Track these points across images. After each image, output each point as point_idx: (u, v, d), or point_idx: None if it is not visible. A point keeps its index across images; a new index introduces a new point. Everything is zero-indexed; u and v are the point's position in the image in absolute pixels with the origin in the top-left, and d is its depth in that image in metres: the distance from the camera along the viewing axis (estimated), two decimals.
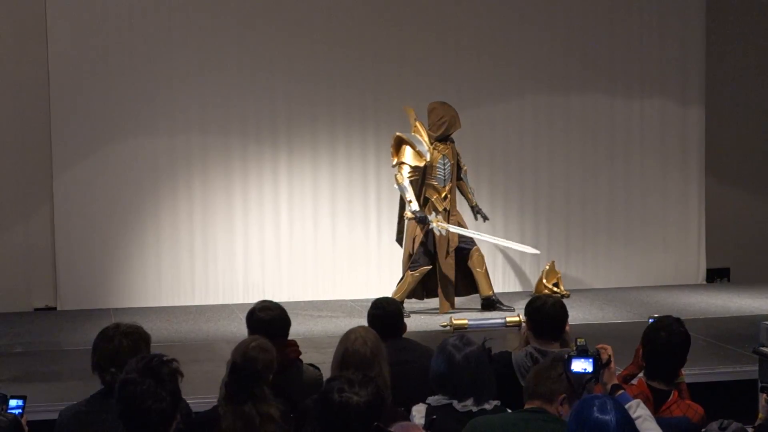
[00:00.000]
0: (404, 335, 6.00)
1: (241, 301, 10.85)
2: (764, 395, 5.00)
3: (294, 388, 5.17)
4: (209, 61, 11.33)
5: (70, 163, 11.09)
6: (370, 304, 6.10)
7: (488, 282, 10.38)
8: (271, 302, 5.63)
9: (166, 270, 11.31)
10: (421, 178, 10.13)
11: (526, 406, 4.45)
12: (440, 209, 10.16)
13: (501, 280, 11.83)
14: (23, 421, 4.49)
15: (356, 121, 11.68)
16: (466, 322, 9.39)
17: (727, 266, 12.80)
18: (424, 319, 10.03)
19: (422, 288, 10.39)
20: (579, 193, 11.99)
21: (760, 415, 4.92)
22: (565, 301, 9.46)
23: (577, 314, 9.93)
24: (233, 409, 4.39)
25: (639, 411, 4.31)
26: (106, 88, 11.11)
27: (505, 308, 10.27)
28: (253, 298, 6.47)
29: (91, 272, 11.13)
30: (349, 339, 4.86)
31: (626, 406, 4.27)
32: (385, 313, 5.94)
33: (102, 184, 11.15)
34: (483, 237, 10.42)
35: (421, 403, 4.80)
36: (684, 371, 5.33)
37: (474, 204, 10.51)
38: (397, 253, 11.76)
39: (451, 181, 10.26)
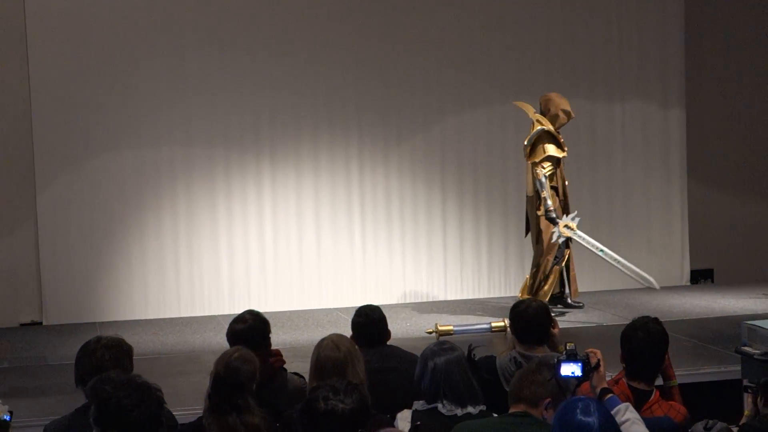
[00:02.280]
0: (389, 342, 6.03)
1: (227, 312, 10.81)
2: (749, 394, 5.03)
3: (279, 397, 5.19)
4: (192, 73, 11.30)
5: (54, 178, 11.06)
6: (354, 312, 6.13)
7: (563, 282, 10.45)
8: (248, 313, 5.64)
9: (152, 283, 11.28)
10: (557, 168, 10.22)
11: (511, 410, 4.47)
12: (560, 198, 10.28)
13: (487, 285, 11.88)
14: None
15: (339, 132, 11.68)
16: (451, 327, 9.39)
17: (711, 267, 12.84)
18: (409, 325, 10.05)
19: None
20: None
21: (746, 412, 4.95)
22: (550, 304, 9.54)
23: (562, 318, 9.94)
24: (218, 421, 4.40)
25: (628, 414, 4.33)
26: (88, 102, 11.08)
27: (575, 305, 10.40)
28: (239, 309, 6.47)
29: (76, 286, 11.09)
30: (321, 346, 4.92)
31: (615, 410, 4.30)
32: (368, 321, 5.96)
33: (86, 198, 11.12)
34: (609, 257, 10.25)
35: (406, 409, 4.83)
36: (676, 374, 5.35)
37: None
38: (381, 262, 11.81)
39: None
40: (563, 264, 10.26)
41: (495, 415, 4.76)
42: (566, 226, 10.04)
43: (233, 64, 11.38)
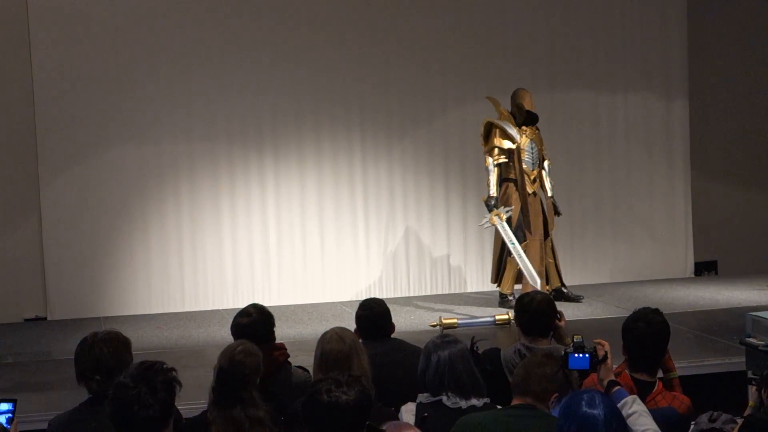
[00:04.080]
0: (393, 335, 6.03)
1: (231, 306, 10.82)
2: (753, 386, 5.02)
3: (283, 390, 5.19)
4: (194, 69, 11.30)
5: (57, 173, 11.07)
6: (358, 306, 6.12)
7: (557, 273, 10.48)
8: (252, 307, 5.63)
9: (156, 277, 11.29)
10: (514, 160, 10.26)
11: (515, 402, 4.47)
12: (530, 192, 10.29)
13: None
14: (14, 427, 4.49)
15: (341, 127, 11.67)
16: (455, 320, 9.40)
17: (715, 259, 12.83)
18: (413, 318, 10.05)
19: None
20: (565, 190, 11.91)
21: (751, 403, 4.94)
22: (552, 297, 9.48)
23: (566, 310, 9.86)
24: (222, 415, 4.40)
25: (635, 407, 4.32)
26: (91, 97, 11.09)
27: (573, 297, 10.43)
28: (243, 303, 6.48)
29: (80, 281, 11.10)
30: (324, 339, 4.92)
31: (622, 402, 4.30)
32: (372, 314, 5.96)
33: (89, 193, 11.13)
34: (514, 250, 10.19)
35: (410, 402, 4.83)
36: (677, 367, 5.36)
37: (550, 196, 10.51)
38: (384, 256, 11.81)
39: (539, 166, 10.39)
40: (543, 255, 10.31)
41: (499, 407, 4.76)
42: (497, 215, 10.13)
43: (235, 61, 11.38)
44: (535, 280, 10.03)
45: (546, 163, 10.47)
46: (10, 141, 11.07)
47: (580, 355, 4.49)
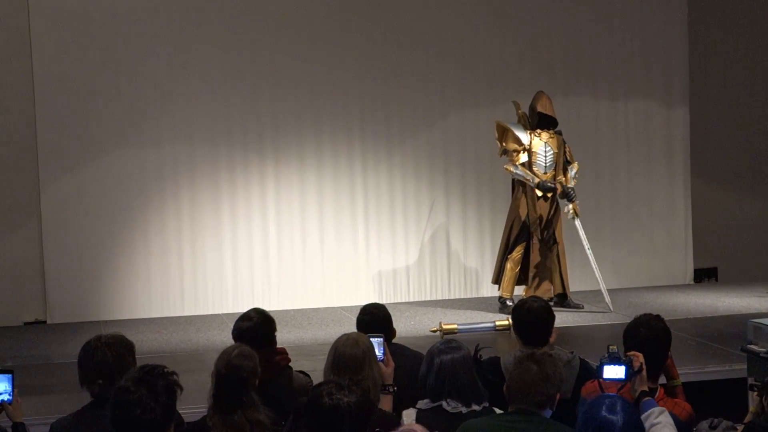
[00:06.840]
0: (394, 340, 6.02)
1: (230, 311, 10.84)
2: (755, 393, 5.02)
3: (284, 394, 5.18)
4: (195, 72, 11.33)
5: (58, 177, 11.08)
6: (359, 310, 6.12)
7: (561, 279, 10.48)
8: (254, 311, 5.63)
9: (156, 281, 11.30)
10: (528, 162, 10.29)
11: (515, 407, 4.46)
12: (539, 194, 10.29)
13: (491, 284, 11.86)
14: (15, 397, 4.53)
15: (342, 131, 11.69)
16: (455, 326, 9.39)
17: (715, 266, 12.84)
18: (413, 324, 10.04)
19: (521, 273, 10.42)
20: None
21: (752, 408, 4.94)
22: (553, 304, 9.54)
23: (566, 317, 9.94)
24: (223, 419, 4.39)
25: (660, 418, 4.34)
26: (91, 100, 11.10)
27: (574, 305, 10.45)
28: (243, 307, 6.48)
29: (80, 285, 11.10)
30: (340, 341, 4.89)
31: (648, 412, 4.32)
32: (373, 319, 5.94)
33: (89, 197, 11.14)
34: (589, 255, 10.54)
35: (411, 408, 4.83)
36: (679, 374, 5.35)
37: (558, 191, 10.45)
38: (385, 261, 11.81)
39: (554, 170, 10.36)
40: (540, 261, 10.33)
41: (498, 410, 4.76)
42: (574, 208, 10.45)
43: (236, 64, 11.40)
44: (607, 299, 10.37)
45: (572, 167, 10.47)
46: (11, 144, 11.09)
47: (617, 365, 4.51)
